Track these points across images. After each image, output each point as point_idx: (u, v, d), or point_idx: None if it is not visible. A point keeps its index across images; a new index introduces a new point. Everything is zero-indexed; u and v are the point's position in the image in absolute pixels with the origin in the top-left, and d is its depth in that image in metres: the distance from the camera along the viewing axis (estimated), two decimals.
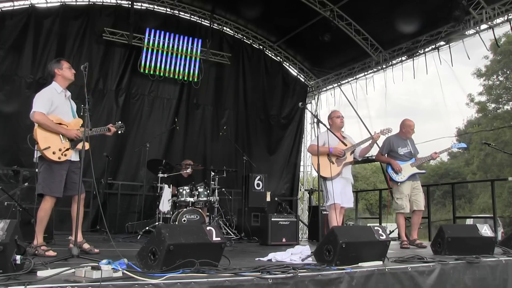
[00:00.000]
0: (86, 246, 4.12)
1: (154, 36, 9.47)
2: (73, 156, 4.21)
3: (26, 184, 6.31)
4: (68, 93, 4.36)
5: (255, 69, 11.06)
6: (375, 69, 10.10)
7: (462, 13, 7.63)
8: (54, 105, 4.09)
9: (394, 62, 9.69)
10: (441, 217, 23.98)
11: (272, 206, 8.67)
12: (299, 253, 3.80)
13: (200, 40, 9.94)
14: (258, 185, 8.07)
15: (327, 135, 5.25)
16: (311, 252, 3.65)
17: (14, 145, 8.02)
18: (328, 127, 5.39)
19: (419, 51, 9.07)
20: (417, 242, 5.91)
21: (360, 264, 3.32)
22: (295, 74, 11.73)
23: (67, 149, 4.07)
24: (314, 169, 5.47)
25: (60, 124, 4.09)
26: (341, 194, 5.16)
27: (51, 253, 3.75)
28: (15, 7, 8.49)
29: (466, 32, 8.17)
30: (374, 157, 8.69)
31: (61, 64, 4.31)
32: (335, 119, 5.47)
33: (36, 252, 3.72)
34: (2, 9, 8.38)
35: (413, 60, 9.23)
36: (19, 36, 8.37)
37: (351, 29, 9.63)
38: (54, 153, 3.97)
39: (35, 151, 4.05)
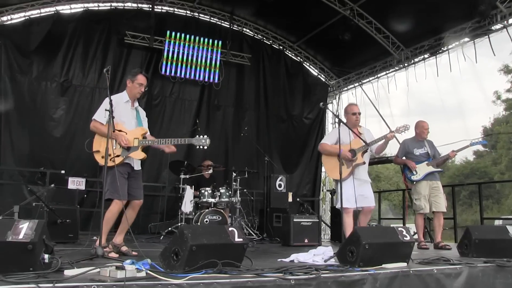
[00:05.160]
0: (124, 248, 4.24)
1: (175, 39, 9.56)
2: (135, 165, 4.32)
3: (52, 185, 6.45)
4: (136, 104, 4.48)
5: (275, 69, 11.04)
6: (397, 68, 9.94)
7: (488, 8, 7.41)
8: (114, 113, 4.09)
9: (416, 60, 9.51)
10: (467, 218, 23.44)
11: (294, 207, 8.64)
12: (322, 254, 3.78)
13: (220, 42, 9.98)
14: (279, 185, 8.08)
15: (341, 132, 4.87)
16: (334, 253, 3.61)
17: (40, 148, 8.29)
18: (351, 122, 5.09)
19: (442, 48, 8.89)
20: (442, 245, 5.79)
21: (383, 265, 3.27)
22: (316, 74, 11.66)
23: (117, 156, 4.08)
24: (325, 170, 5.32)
25: (120, 131, 4.14)
26: (353, 197, 4.78)
27: (113, 254, 3.84)
28: (42, 14, 8.80)
29: (493, 27, 7.92)
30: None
31: (136, 78, 4.35)
32: (350, 116, 5.09)
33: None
34: (30, 16, 8.70)
35: (436, 57, 9.04)
36: (44, 41, 8.60)
37: (372, 28, 9.52)
38: (102, 157, 4.02)
39: None
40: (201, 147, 4.41)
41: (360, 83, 10.96)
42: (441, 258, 3.80)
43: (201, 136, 4.42)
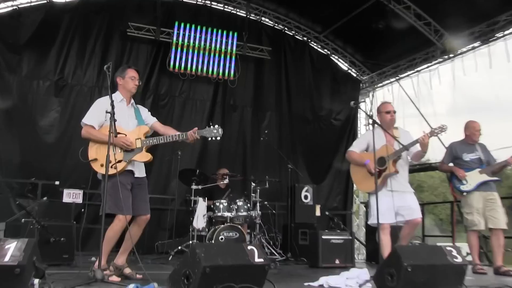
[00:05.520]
0: (127, 271, 4.25)
1: (184, 31, 9.61)
2: (137, 172, 4.33)
3: (44, 198, 6.51)
4: (132, 101, 4.54)
5: (299, 64, 11.03)
6: (441, 59, 9.77)
7: None
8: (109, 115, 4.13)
9: (464, 49, 9.33)
10: None
11: (323, 222, 8.61)
12: (356, 278, 3.76)
13: (235, 33, 10.00)
14: (305, 197, 8.07)
15: (372, 136, 4.81)
16: (370, 277, 3.58)
17: (31, 155, 8.32)
18: (384, 122, 5.04)
19: (496, 35, 8.66)
20: (504, 270, 5.54)
21: None
22: (346, 69, 11.60)
23: (119, 161, 4.11)
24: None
25: (118, 133, 4.12)
26: (389, 211, 4.71)
27: (114, 278, 3.85)
28: (32, 3, 8.86)
29: None
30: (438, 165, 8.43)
31: (125, 72, 4.43)
32: (384, 115, 5.05)
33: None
34: (19, 6, 8.76)
35: (488, 46, 8.84)
36: (35, 34, 8.67)
37: (411, 14, 9.36)
38: (102, 165, 4.05)
39: None
40: (213, 138, 4.39)
41: (397, 77, 10.82)
42: (504, 286, 3.66)
43: (212, 126, 4.39)
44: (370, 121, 4.96)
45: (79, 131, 4.40)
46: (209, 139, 4.41)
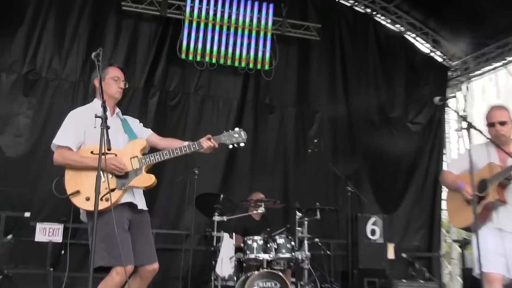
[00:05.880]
0: None
1: (200, 3, 9.64)
2: (139, 203, 4.34)
3: (9, 237, 6.52)
4: (117, 110, 4.58)
5: (360, 46, 11.06)
6: None
7: None
8: (89, 131, 4.16)
9: None
10: None
11: (398, 268, 8.63)
12: None
13: (271, 5, 10.00)
14: (373, 232, 8.11)
15: (480, 151, 4.76)
16: None
17: None
18: (489, 136, 4.81)
19: None
20: None
21: None
22: (427, 51, 11.55)
23: (112, 190, 4.03)
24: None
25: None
26: (497, 256, 4.49)
27: None
28: None
29: None
30: None
31: (105, 72, 4.45)
32: (489, 129, 4.91)
33: None
34: None
35: None
36: None
37: None
38: (88, 199, 4.01)
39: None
40: (235, 145, 4.49)
41: (504, 61, 10.57)
42: None
43: (232, 130, 4.52)
44: (464, 124, 4.75)
45: None
46: (230, 146, 4.49)
